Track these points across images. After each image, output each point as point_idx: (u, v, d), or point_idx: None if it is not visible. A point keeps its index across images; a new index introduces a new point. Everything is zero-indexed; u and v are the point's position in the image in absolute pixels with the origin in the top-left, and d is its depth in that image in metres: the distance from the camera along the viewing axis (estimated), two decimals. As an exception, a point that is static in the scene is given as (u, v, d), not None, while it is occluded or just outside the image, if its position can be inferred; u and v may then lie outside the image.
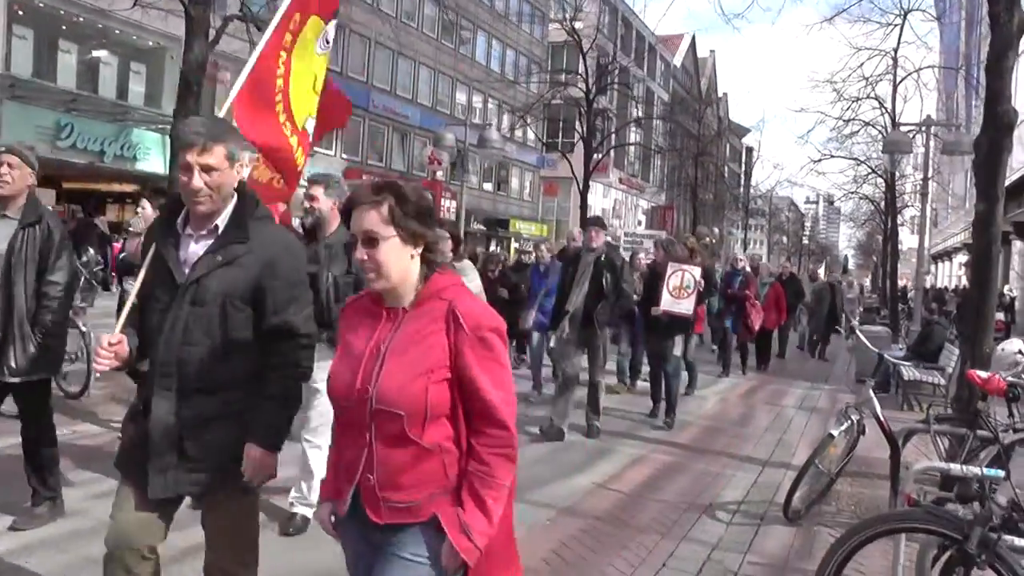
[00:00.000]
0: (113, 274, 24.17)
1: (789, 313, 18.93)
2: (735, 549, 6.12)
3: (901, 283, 35.39)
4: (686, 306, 10.33)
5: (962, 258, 55.72)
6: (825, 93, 28.50)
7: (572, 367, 9.49)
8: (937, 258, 57.33)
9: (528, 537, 6.00)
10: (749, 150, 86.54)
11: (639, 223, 71.16)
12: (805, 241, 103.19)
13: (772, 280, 17.83)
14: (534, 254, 12.77)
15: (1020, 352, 6.60)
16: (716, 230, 55.62)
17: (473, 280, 6.13)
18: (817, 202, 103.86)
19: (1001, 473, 5.83)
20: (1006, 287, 35.44)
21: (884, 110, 24.85)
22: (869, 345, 7.39)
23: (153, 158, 29.00)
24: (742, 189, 76.02)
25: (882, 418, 6.76)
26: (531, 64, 41.85)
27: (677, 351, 10.79)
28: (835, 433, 6.74)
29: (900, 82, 24.68)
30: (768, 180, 53.81)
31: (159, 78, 29.49)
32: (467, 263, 6.83)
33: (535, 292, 11.86)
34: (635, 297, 10.66)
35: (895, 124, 23.29)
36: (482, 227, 48.50)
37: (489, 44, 50.42)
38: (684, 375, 12.33)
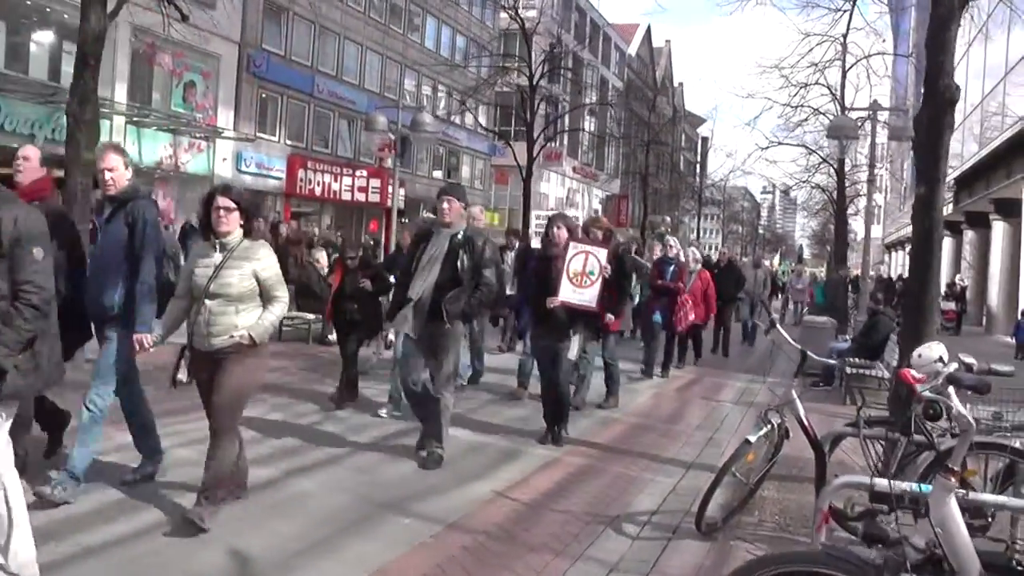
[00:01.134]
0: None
1: (728, 303, 17.56)
2: (636, 569, 5.42)
3: (854, 272, 35.08)
4: (589, 296, 8.53)
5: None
6: (774, 79, 28.18)
7: (417, 380, 7.61)
8: (891, 247, 57.38)
9: (402, 559, 5.31)
10: (704, 140, 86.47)
11: (595, 211, 70.82)
12: (761, 231, 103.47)
13: (698, 267, 15.33)
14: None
15: (941, 360, 5.88)
16: (667, 219, 55.36)
17: (263, 259, 5.40)
18: (773, 192, 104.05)
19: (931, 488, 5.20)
20: (957, 276, 35.39)
21: (833, 97, 24.42)
22: (789, 340, 6.70)
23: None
24: (697, 178, 75.78)
25: (806, 421, 6.09)
26: (480, 49, 40.89)
27: (572, 353, 8.70)
28: (752, 439, 6.05)
29: (849, 68, 24.39)
30: (722, 169, 53.76)
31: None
32: (260, 243, 5.83)
33: None
34: (507, 288, 10.03)
35: (844, 111, 22.83)
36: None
37: (439, 30, 49.54)
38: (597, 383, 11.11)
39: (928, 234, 7.70)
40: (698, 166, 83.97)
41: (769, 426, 6.15)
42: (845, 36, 23.91)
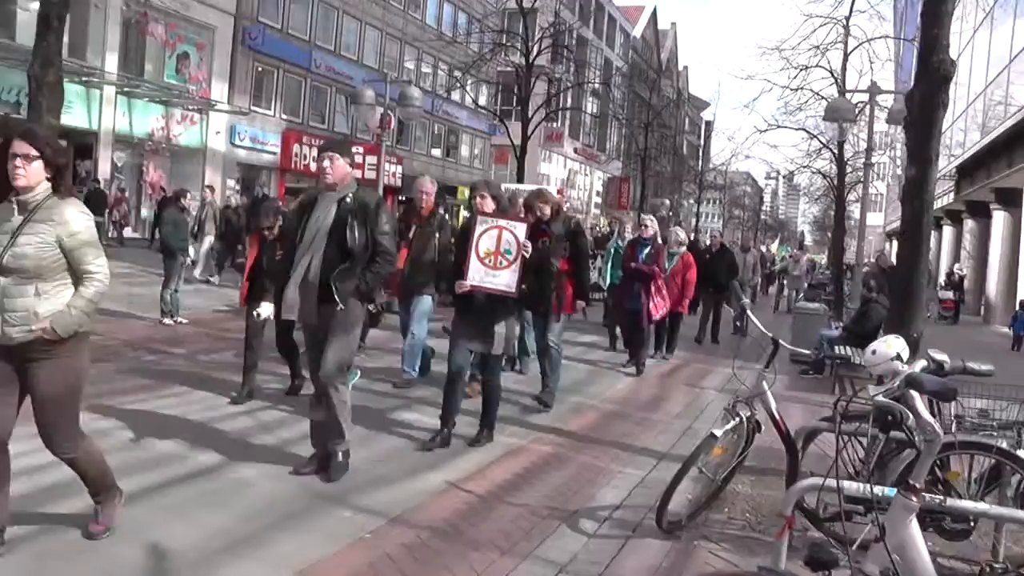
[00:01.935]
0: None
1: (721, 291, 16.54)
2: (586, 571, 5.03)
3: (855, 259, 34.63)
4: (505, 280, 7.30)
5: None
6: (775, 61, 27.71)
7: (313, 367, 6.53)
8: (892, 235, 56.83)
9: (333, 557, 4.92)
10: (708, 123, 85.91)
11: (598, 193, 70.45)
12: (763, 216, 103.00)
13: (681, 251, 14.19)
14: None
15: (899, 358, 5.40)
16: (667, 202, 54.88)
17: (71, 222, 4.40)
18: (777, 177, 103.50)
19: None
20: (956, 266, 35.04)
21: (835, 80, 23.94)
22: (760, 327, 6.29)
23: (76, 110, 27.61)
24: (700, 162, 75.28)
25: (777, 415, 5.70)
26: (481, 26, 40.35)
27: (498, 346, 7.48)
28: (718, 433, 5.63)
29: (851, 52, 23.93)
30: (723, 152, 53.36)
31: (83, 26, 27.94)
32: (69, 200, 4.87)
33: None
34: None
35: (844, 94, 22.36)
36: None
37: (440, 6, 48.96)
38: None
39: (918, 217, 7.32)
40: (700, 150, 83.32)
41: (737, 419, 5.74)
42: (848, 18, 23.48)
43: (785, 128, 26.84)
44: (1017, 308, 23.55)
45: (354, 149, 25.86)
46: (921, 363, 4.74)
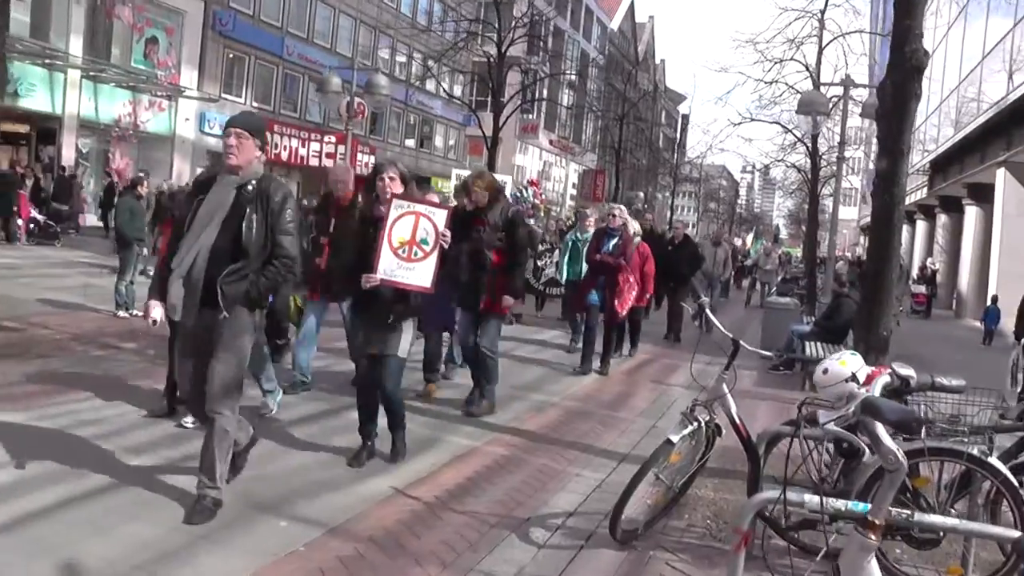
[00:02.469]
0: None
1: (682, 284, 15.53)
2: (534, 586, 4.75)
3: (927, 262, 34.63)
4: (421, 273, 6.45)
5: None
6: (750, 54, 27.45)
7: (184, 383, 5.66)
8: (866, 230, 56.95)
9: (260, 572, 4.59)
10: (684, 117, 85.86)
11: (574, 185, 70.25)
12: (739, 210, 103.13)
13: (637, 240, 12.71)
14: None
15: (855, 378, 5.05)
16: (641, 195, 54.66)
17: None
18: (752, 171, 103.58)
19: (870, 507, 4.53)
20: (929, 260, 35.13)
21: (809, 73, 23.75)
22: (720, 327, 6.02)
23: (39, 94, 27.17)
24: (676, 155, 75.15)
25: (737, 419, 5.41)
26: (455, 15, 39.99)
27: (402, 348, 6.60)
28: (674, 439, 5.34)
29: (826, 45, 23.75)
30: (699, 145, 53.01)
31: (46, 6, 27.46)
32: None
33: None
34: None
35: (817, 85, 22.18)
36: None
37: (415, -5, 48.57)
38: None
39: (888, 211, 7.06)
40: (676, 143, 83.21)
41: (695, 424, 5.45)
42: (823, 12, 23.28)
43: (760, 121, 26.65)
44: (988, 302, 23.54)
45: (326, 138, 25.48)
46: (883, 380, 4.44)
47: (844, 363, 4.81)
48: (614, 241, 11.89)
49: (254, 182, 5.36)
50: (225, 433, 5.35)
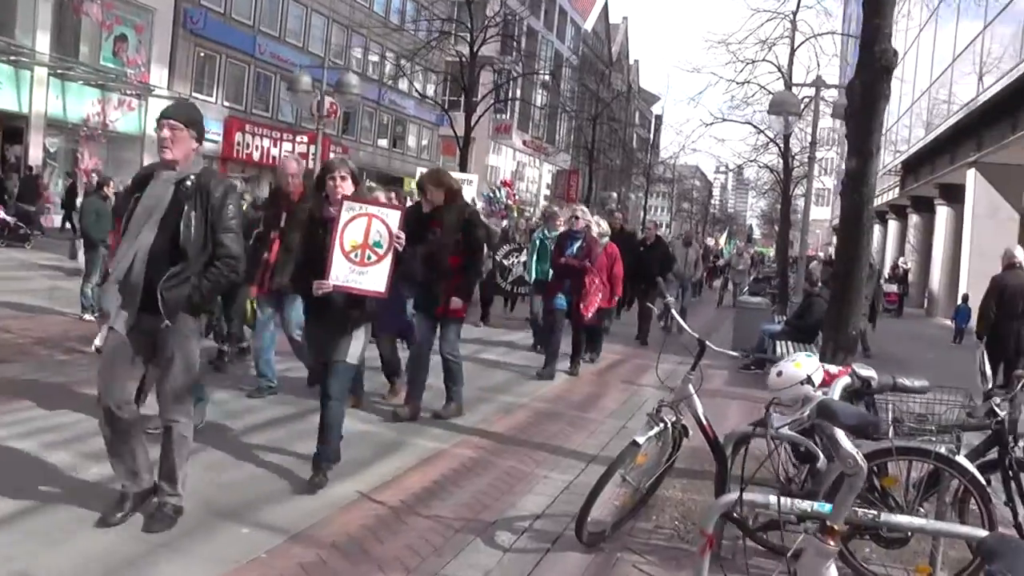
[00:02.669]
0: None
1: (652, 285, 14.51)
2: (498, 591, 4.68)
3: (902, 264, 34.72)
4: (374, 278, 6.12)
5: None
6: (722, 55, 27.37)
7: (122, 401, 5.02)
8: (839, 230, 57.24)
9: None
10: (659, 117, 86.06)
11: (548, 186, 70.24)
12: (712, 210, 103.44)
13: (604, 242, 12.68)
14: None
15: (810, 380, 4.96)
16: (615, 195, 54.71)
17: None
18: (726, 171, 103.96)
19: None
20: (900, 259, 35.38)
21: (781, 74, 23.79)
22: (686, 327, 5.98)
23: (5, 93, 26.86)
24: (648, 155, 75.31)
25: (704, 420, 5.37)
26: (428, 14, 39.85)
27: (353, 355, 6.24)
28: (640, 440, 5.28)
29: (798, 47, 23.78)
30: (672, 146, 52.99)
31: (11, 2, 27.16)
32: None
33: None
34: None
35: (789, 86, 22.22)
36: (372, 183, 46.77)
37: (388, -6, 48.38)
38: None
39: (858, 211, 7.03)
40: (650, 143, 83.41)
41: (661, 425, 5.39)
42: (795, 14, 23.28)
43: (732, 122, 26.64)
44: (959, 301, 23.69)
45: (298, 138, 25.22)
46: (844, 382, 4.40)
47: (799, 365, 4.71)
48: (578, 243, 11.78)
49: (193, 177, 5.04)
50: (183, 439, 5.18)
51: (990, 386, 11.20)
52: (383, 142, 49.79)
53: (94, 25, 29.97)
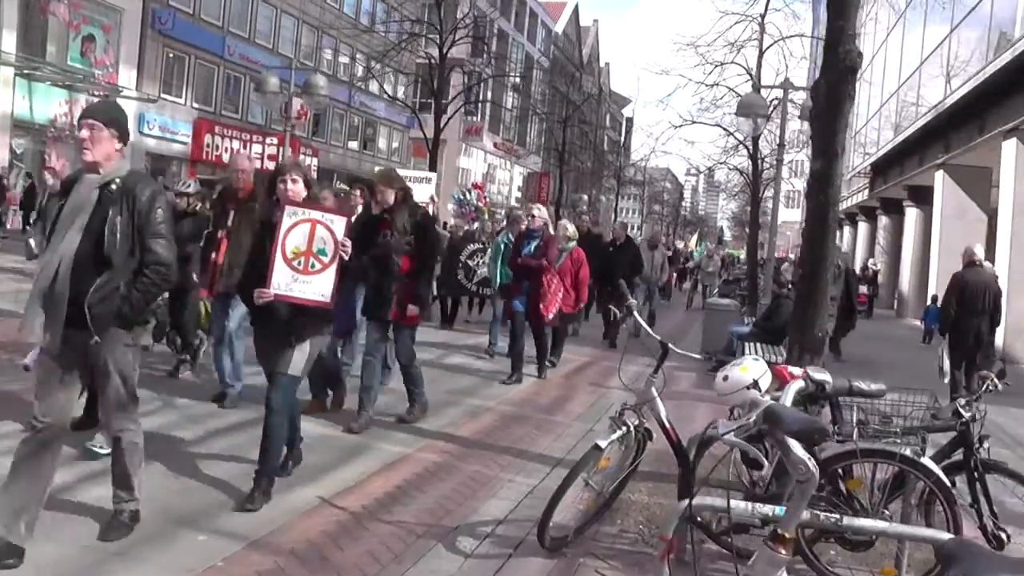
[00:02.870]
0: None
1: (611, 288, 14.90)
2: (458, 598, 4.60)
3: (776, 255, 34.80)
4: (319, 287, 5.85)
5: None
6: (691, 57, 27.29)
7: (48, 412, 4.71)
8: (808, 232, 57.50)
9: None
10: (629, 120, 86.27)
11: (519, 188, 70.24)
12: (684, 212, 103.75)
13: (571, 246, 12.47)
14: None
15: (756, 385, 4.88)
16: (585, 197, 54.77)
17: None
18: (698, 173, 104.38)
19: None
20: (870, 260, 35.61)
21: (750, 76, 23.83)
22: (648, 330, 5.93)
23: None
24: (620, 157, 75.50)
25: (667, 424, 5.32)
26: (398, 16, 39.67)
27: (297, 367, 5.89)
28: (602, 444, 5.22)
29: (767, 49, 23.80)
30: (643, 148, 52.99)
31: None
32: None
33: None
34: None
35: (757, 88, 22.25)
36: (346, 187, 46.55)
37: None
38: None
39: (823, 212, 7.00)
40: (621, 145, 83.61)
41: (623, 429, 5.34)
42: (763, 16, 23.27)
43: (701, 124, 26.65)
44: (928, 302, 23.82)
45: (268, 140, 25.00)
46: (797, 385, 4.36)
47: (745, 369, 4.58)
48: (535, 243, 11.49)
49: (118, 180, 4.74)
50: (134, 446, 5.04)
51: (946, 381, 11.49)
52: (353, 144, 49.61)
53: (61, 25, 29.71)
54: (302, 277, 5.83)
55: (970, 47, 22.46)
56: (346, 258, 5.94)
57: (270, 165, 37.39)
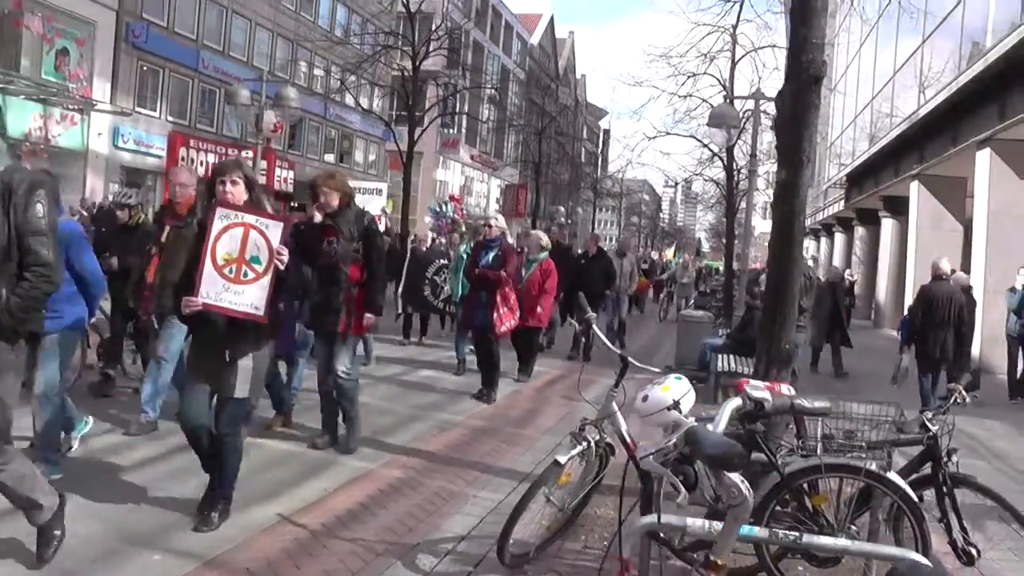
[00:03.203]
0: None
1: (596, 300, 14.77)
2: (415, 618, 4.50)
3: (752, 267, 34.85)
4: (251, 297, 5.37)
5: (809, 243, 56.38)
6: (663, 68, 27.23)
7: None
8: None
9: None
10: (606, 132, 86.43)
11: (497, 200, 70.20)
12: (663, 225, 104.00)
13: (541, 257, 12.53)
14: None
15: (677, 405, 4.52)
16: (562, 209, 54.78)
17: None
18: (676, 185, 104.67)
19: (756, 530, 4.36)
20: (847, 271, 35.73)
21: (723, 87, 23.86)
22: (608, 344, 5.86)
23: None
24: (597, 169, 75.66)
25: (628, 438, 5.22)
26: (370, 27, 39.51)
27: (242, 390, 5.48)
28: (562, 460, 5.12)
29: (739, 60, 23.85)
30: (620, 160, 52.91)
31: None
32: None
33: None
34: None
35: (731, 101, 22.27)
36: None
37: (333, 7, 48.02)
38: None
39: (789, 223, 6.93)
40: (599, 157, 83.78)
41: (584, 444, 5.25)
42: (735, 27, 23.30)
43: (675, 135, 26.67)
44: (905, 312, 23.83)
45: (244, 153, 24.80)
46: (733, 404, 4.29)
47: (666, 388, 4.43)
48: (492, 253, 11.10)
49: None
50: (21, 475, 4.55)
51: (896, 385, 11.74)
52: (330, 157, 49.38)
53: (35, 38, 29.43)
54: (233, 286, 5.35)
55: (943, 57, 22.56)
56: (282, 268, 5.43)
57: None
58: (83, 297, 6.41)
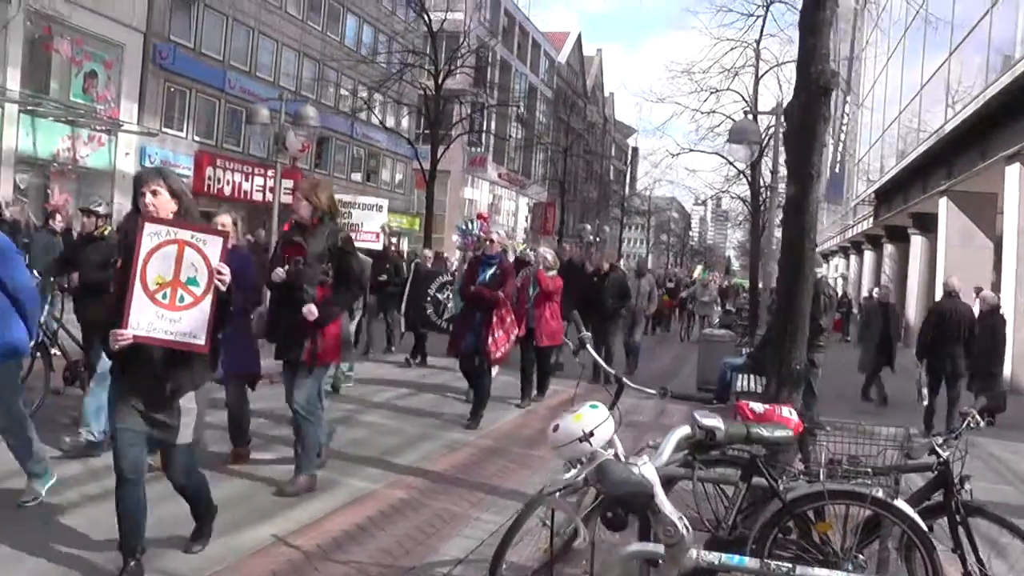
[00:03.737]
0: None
1: (610, 319, 14.70)
2: (401, 646, 4.38)
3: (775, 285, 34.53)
4: (189, 324, 4.70)
5: (839, 261, 55.95)
6: (685, 84, 27.00)
7: None
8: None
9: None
10: (635, 150, 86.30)
11: (526, 219, 70.19)
12: (692, 243, 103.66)
13: (551, 275, 12.22)
14: None
15: (588, 437, 4.08)
16: (588, 227, 54.60)
17: None
18: (704, 203, 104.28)
19: (746, 561, 4.23)
20: (875, 289, 35.38)
21: (746, 102, 23.71)
22: (603, 364, 5.75)
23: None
24: (625, 187, 75.55)
25: (624, 460, 5.08)
26: (395, 46, 39.60)
27: (184, 436, 4.91)
28: (550, 489, 4.97)
29: (763, 75, 23.74)
30: (647, 177, 52.49)
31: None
32: None
33: None
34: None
35: (755, 117, 22.13)
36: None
37: (360, 27, 48.23)
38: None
39: (799, 239, 6.79)
40: (627, 175, 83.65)
41: (579, 466, 5.10)
42: (758, 42, 23.21)
43: (699, 152, 26.54)
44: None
45: (269, 172, 24.66)
46: (682, 432, 4.13)
47: (579, 418, 4.14)
48: (491, 271, 10.33)
49: None
50: None
51: (925, 403, 11.87)
52: (356, 176, 49.52)
53: (64, 62, 29.75)
54: (168, 314, 4.66)
55: (970, 70, 22.31)
56: (223, 288, 4.76)
57: (269, 197, 37.53)
58: (19, 317, 5.77)
